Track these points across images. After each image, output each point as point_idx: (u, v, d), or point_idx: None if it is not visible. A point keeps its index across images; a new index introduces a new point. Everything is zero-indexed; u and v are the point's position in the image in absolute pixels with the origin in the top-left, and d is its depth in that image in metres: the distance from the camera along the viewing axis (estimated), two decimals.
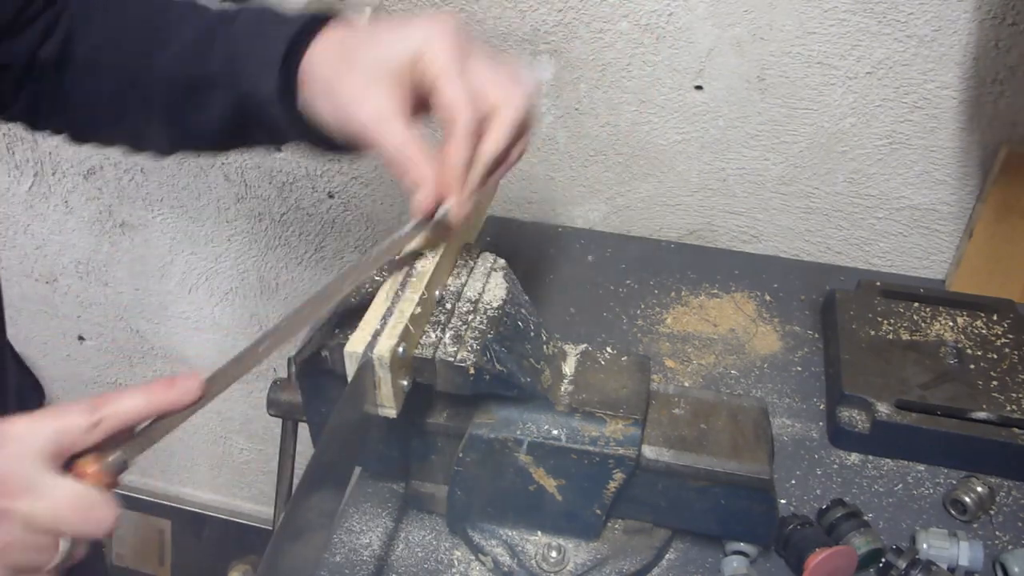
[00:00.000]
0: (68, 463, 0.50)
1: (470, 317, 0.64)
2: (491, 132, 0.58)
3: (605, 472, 0.67)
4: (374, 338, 0.58)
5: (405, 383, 0.61)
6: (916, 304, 0.95)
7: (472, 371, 0.61)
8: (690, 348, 0.97)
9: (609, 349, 0.73)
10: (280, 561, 0.51)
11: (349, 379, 0.59)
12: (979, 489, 0.78)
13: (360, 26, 0.60)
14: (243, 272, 1.45)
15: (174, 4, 0.67)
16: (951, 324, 0.92)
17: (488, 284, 0.68)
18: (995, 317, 0.93)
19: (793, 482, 0.83)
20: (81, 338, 1.68)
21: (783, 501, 0.80)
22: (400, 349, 0.58)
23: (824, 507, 0.78)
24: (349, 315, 0.64)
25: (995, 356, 0.88)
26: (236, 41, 0.62)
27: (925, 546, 0.74)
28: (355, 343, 0.58)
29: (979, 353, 0.88)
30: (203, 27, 0.64)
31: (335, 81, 0.57)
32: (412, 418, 0.69)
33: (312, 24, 0.61)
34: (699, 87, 1.01)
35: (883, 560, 0.74)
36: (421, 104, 0.59)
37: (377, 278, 0.68)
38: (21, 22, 0.64)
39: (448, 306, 0.65)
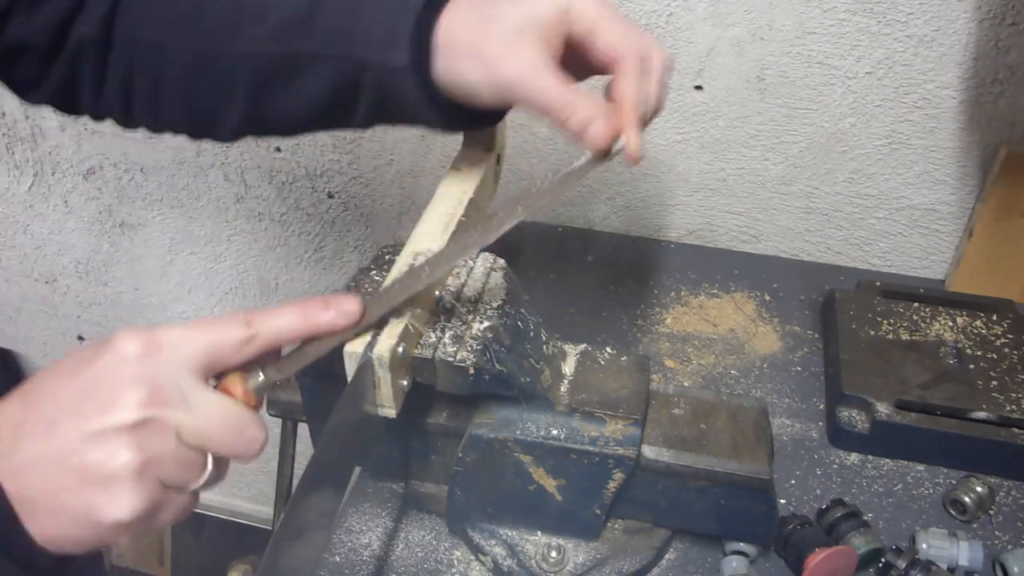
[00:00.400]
0: (217, 378, 0.48)
1: (470, 317, 0.64)
2: (652, 72, 0.57)
3: (605, 472, 0.67)
4: (374, 338, 0.58)
5: (405, 383, 0.61)
6: (916, 304, 0.95)
7: (472, 371, 0.61)
8: (690, 348, 0.97)
9: (609, 349, 0.73)
10: (280, 561, 0.51)
11: (349, 379, 0.59)
12: (979, 489, 0.78)
13: None
14: (243, 272, 1.45)
15: None
16: (951, 324, 0.92)
17: (488, 284, 0.68)
18: (995, 317, 0.93)
19: (793, 482, 0.83)
20: (81, 338, 1.68)
21: (783, 501, 0.80)
22: (400, 349, 0.58)
23: (824, 507, 0.78)
24: None
25: (995, 356, 0.88)
26: (347, 16, 0.60)
27: (925, 546, 0.74)
28: (355, 343, 0.58)
29: (979, 353, 0.88)
30: (299, 2, 0.61)
31: (480, 41, 0.57)
32: (412, 418, 0.69)
33: None
34: (699, 87, 1.01)
35: (883, 560, 0.74)
36: (570, 61, 0.59)
37: (377, 278, 0.68)
38: None
39: (448, 306, 0.65)
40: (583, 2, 0.57)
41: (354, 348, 0.58)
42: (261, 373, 0.49)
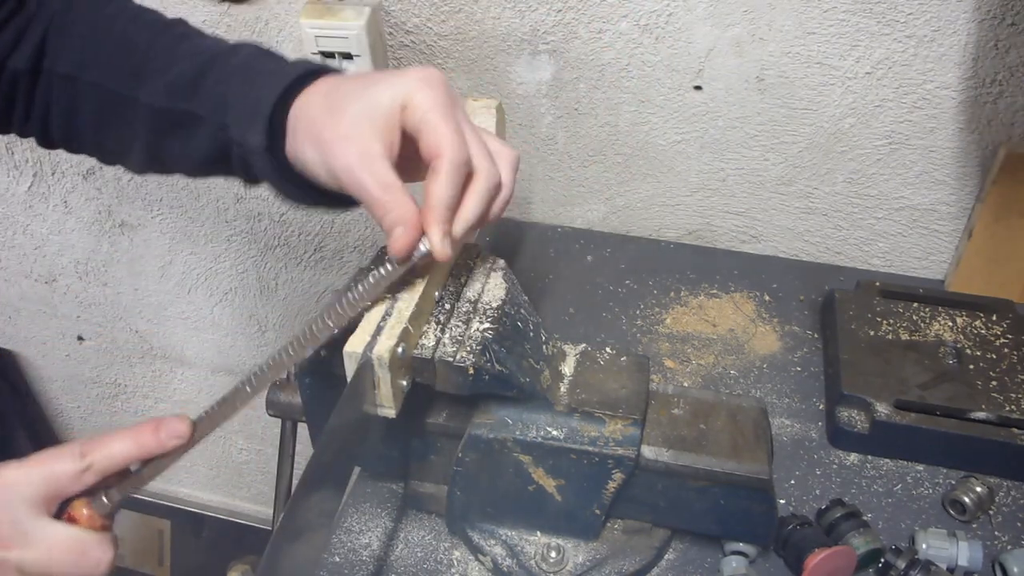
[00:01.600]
0: (61, 507, 0.51)
1: (469, 317, 0.64)
2: (478, 176, 0.57)
3: (604, 472, 0.67)
4: (373, 338, 0.58)
5: (404, 383, 0.61)
6: (915, 304, 0.95)
7: (471, 371, 0.61)
8: (689, 348, 0.97)
9: (608, 349, 0.73)
10: (280, 561, 0.51)
11: (348, 379, 0.59)
12: (978, 489, 0.78)
13: (350, 75, 0.61)
14: (242, 272, 1.45)
15: (168, 29, 0.67)
16: (950, 324, 0.92)
17: (487, 284, 0.68)
18: (994, 317, 0.93)
19: (792, 482, 0.83)
20: (80, 338, 1.68)
21: (782, 501, 0.80)
22: (399, 349, 0.58)
23: (823, 507, 0.78)
24: None
25: (994, 356, 0.88)
26: (229, 82, 0.62)
27: (924, 546, 0.74)
28: (354, 343, 0.58)
29: (978, 353, 0.88)
30: (197, 60, 0.63)
31: (322, 126, 0.57)
32: (411, 418, 0.69)
33: (304, 75, 0.61)
34: (698, 87, 1.01)
35: (882, 560, 0.74)
36: (410, 155, 0.58)
37: None
38: None
39: (447, 306, 0.65)
40: (421, 95, 0.56)
41: (353, 348, 0.58)
42: (104, 496, 0.52)
